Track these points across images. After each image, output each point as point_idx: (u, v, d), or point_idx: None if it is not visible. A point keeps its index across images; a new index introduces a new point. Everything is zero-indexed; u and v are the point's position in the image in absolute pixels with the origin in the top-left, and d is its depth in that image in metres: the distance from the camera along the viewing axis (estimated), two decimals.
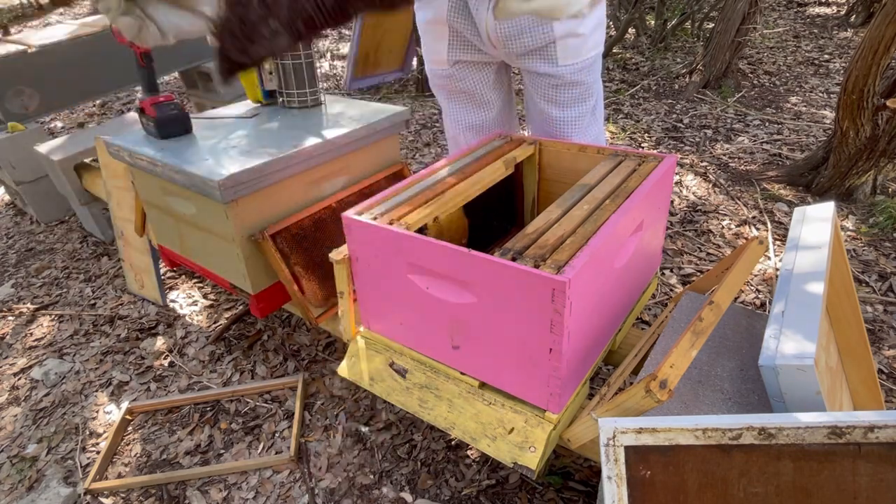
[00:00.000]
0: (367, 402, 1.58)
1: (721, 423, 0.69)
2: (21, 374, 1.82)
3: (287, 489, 1.36)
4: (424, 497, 1.31)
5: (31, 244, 2.63)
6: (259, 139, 1.48)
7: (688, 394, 0.98)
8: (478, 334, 0.97)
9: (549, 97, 1.38)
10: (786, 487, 0.68)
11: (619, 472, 0.70)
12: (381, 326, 1.17)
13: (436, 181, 1.17)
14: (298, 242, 1.45)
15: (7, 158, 2.49)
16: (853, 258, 2.03)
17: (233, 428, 1.54)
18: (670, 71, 4.26)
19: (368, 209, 1.06)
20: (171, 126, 1.50)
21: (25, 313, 2.12)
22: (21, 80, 2.49)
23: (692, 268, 2.05)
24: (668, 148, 3.06)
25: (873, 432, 0.66)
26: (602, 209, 1.01)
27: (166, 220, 1.60)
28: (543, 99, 1.39)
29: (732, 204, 2.45)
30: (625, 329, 1.24)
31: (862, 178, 2.32)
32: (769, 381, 0.83)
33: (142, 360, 1.83)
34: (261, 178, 1.33)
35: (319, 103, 1.74)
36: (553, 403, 0.94)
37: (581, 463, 1.36)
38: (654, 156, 1.21)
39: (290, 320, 1.91)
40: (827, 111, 3.38)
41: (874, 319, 1.74)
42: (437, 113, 3.75)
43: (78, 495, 1.40)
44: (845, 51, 4.42)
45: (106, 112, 4.44)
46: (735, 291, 0.98)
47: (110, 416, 1.63)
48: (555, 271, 0.82)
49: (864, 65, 2.04)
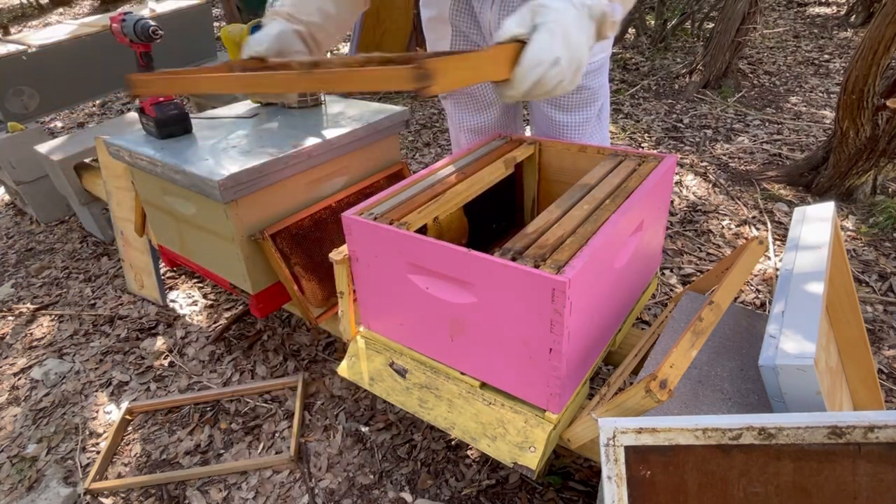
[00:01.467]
0: (367, 402, 1.58)
1: (721, 423, 0.69)
2: (21, 374, 1.82)
3: (287, 489, 1.36)
4: (424, 497, 1.31)
5: (31, 244, 2.63)
6: (259, 139, 1.48)
7: (688, 394, 0.98)
8: (478, 334, 0.97)
9: (552, 101, 1.36)
10: (786, 487, 0.68)
11: (619, 472, 0.70)
12: (380, 326, 1.17)
13: (436, 181, 1.17)
14: (298, 242, 1.45)
15: (7, 158, 2.49)
16: (853, 258, 2.03)
17: (233, 428, 1.54)
18: (670, 71, 4.26)
19: (368, 209, 1.06)
20: (171, 126, 1.50)
21: (25, 313, 2.12)
22: (21, 80, 2.49)
23: (692, 268, 2.05)
24: (668, 148, 3.06)
25: (873, 432, 0.66)
26: (602, 209, 1.01)
27: (166, 220, 1.60)
28: (547, 103, 1.38)
29: (732, 204, 2.45)
30: (625, 329, 1.24)
31: (862, 178, 2.32)
32: (769, 381, 0.83)
33: (142, 360, 1.83)
34: (261, 178, 1.33)
35: (319, 103, 1.74)
36: (553, 403, 0.94)
37: (581, 463, 1.36)
38: (654, 156, 1.21)
39: (290, 320, 1.91)
40: (827, 111, 3.38)
41: (874, 319, 1.74)
42: (436, 113, 3.75)
43: (78, 495, 1.40)
44: (845, 51, 4.42)
45: (106, 112, 4.44)
46: (735, 291, 0.98)
47: (110, 416, 1.63)
48: (555, 271, 0.82)
49: (864, 65, 2.04)
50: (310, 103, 1.71)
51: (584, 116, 1.38)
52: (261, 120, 1.64)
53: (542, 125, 1.46)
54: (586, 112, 1.38)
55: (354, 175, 1.60)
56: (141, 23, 1.41)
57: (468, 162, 1.26)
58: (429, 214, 1.05)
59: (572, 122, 1.39)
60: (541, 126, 1.48)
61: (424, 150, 3.24)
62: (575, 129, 1.40)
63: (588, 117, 1.39)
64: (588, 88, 1.33)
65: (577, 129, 1.40)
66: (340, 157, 1.52)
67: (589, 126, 1.41)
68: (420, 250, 0.95)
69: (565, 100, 1.35)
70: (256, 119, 1.65)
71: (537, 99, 0.76)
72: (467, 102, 1.49)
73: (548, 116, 1.41)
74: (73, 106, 2.84)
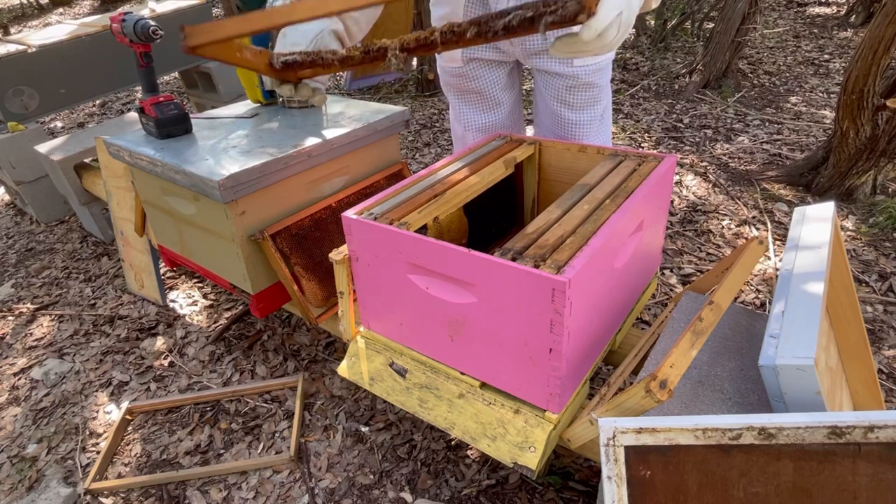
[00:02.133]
0: (367, 402, 1.58)
1: (721, 423, 0.69)
2: (21, 374, 1.82)
3: (287, 489, 1.36)
4: (424, 497, 1.31)
5: (31, 244, 2.63)
6: (259, 139, 1.48)
7: (688, 394, 0.98)
8: (478, 334, 0.97)
9: (562, 98, 1.38)
10: (786, 487, 0.68)
11: (618, 472, 0.70)
12: (380, 326, 1.17)
13: (436, 181, 1.17)
14: (298, 242, 1.45)
15: (7, 158, 2.49)
16: (853, 258, 2.03)
17: (233, 428, 1.54)
18: (670, 71, 4.26)
19: (368, 209, 1.06)
20: (171, 126, 1.50)
21: (25, 313, 2.12)
22: (21, 80, 2.49)
23: (692, 268, 2.05)
24: (668, 148, 3.06)
25: (873, 432, 0.66)
26: (602, 209, 1.01)
27: (166, 220, 1.60)
28: (556, 100, 1.40)
29: (732, 204, 2.45)
30: (625, 329, 1.24)
31: (862, 178, 2.32)
32: (769, 381, 0.83)
33: (142, 360, 1.83)
34: (261, 178, 1.33)
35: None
36: (553, 403, 0.94)
37: (581, 463, 1.36)
38: (654, 156, 1.21)
39: (290, 320, 1.91)
40: (827, 111, 3.38)
41: (874, 319, 1.74)
42: (437, 113, 3.75)
43: (78, 495, 1.40)
44: (845, 51, 4.42)
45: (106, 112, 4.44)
46: (735, 291, 0.98)
47: (110, 416, 1.63)
48: (555, 271, 0.82)
49: (864, 65, 2.04)
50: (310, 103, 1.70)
51: (591, 115, 1.41)
52: (261, 120, 1.64)
53: (550, 124, 1.47)
54: (593, 110, 1.40)
55: (354, 175, 1.60)
56: (141, 23, 1.41)
57: (468, 162, 1.26)
58: (429, 214, 1.05)
59: (581, 120, 1.41)
60: (546, 124, 1.48)
61: (424, 150, 3.24)
62: (583, 126, 1.42)
63: (594, 116, 1.41)
64: (596, 86, 1.35)
65: (585, 127, 1.42)
66: (340, 157, 1.52)
67: (595, 125, 1.43)
68: (420, 250, 0.95)
69: (575, 97, 1.37)
70: (256, 119, 1.65)
71: (595, 51, 0.81)
72: (476, 101, 1.50)
73: (557, 114, 1.42)
74: (73, 106, 2.84)
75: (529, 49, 1.31)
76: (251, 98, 1.80)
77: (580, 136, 1.43)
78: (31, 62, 2.48)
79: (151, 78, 1.51)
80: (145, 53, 1.47)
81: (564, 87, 1.36)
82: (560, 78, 1.34)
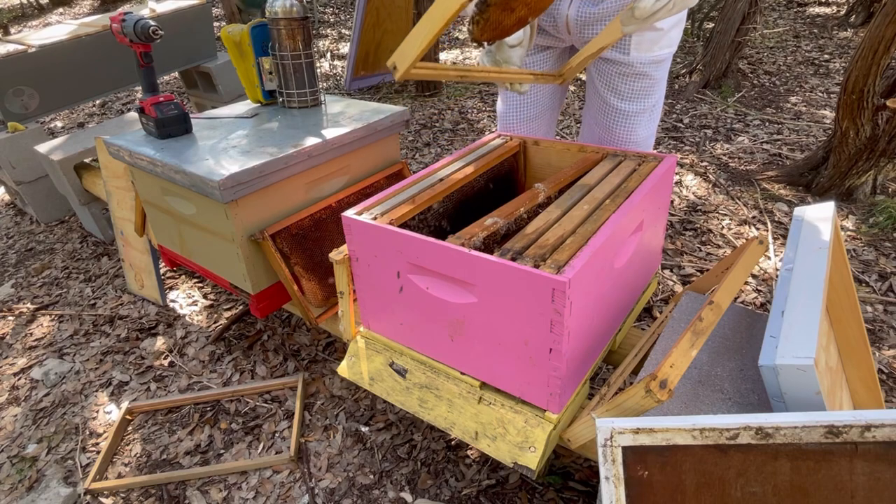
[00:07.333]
0: (367, 402, 1.58)
1: (718, 423, 0.69)
2: (21, 374, 1.82)
3: (287, 489, 1.36)
4: (424, 497, 1.31)
5: (31, 244, 2.64)
6: (259, 139, 1.48)
7: (688, 394, 0.98)
8: (478, 334, 0.97)
9: (613, 86, 1.37)
10: (783, 487, 0.68)
11: (616, 472, 0.70)
12: (381, 326, 1.17)
13: (436, 181, 1.17)
14: (298, 242, 1.45)
15: (7, 158, 2.49)
16: (853, 258, 2.03)
17: (233, 428, 1.54)
18: (670, 71, 4.26)
19: (368, 209, 1.06)
20: (171, 126, 1.50)
21: (25, 313, 2.12)
22: (21, 80, 2.49)
23: (692, 268, 2.05)
24: (668, 148, 3.06)
25: (870, 431, 0.66)
26: (602, 209, 1.01)
27: (166, 220, 1.60)
28: (607, 88, 1.39)
29: (732, 204, 2.45)
30: (625, 329, 1.24)
31: (862, 178, 2.32)
32: (769, 381, 0.83)
33: (142, 360, 1.83)
34: (261, 178, 1.33)
35: (319, 103, 1.74)
36: (553, 403, 0.94)
37: (581, 463, 1.36)
38: (654, 156, 1.21)
39: (290, 320, 1.91)
40: (827, 111, 3.38)
41: (874, 319, 1.74)
42: (437, 113, 3.75)
43: (78, 495, 1.40)
44: (845, 51, 4.42)
45: (106, 112, 4.44)
46: (735, 291, 0.98)
47: (110, 416, 1.63)
48: (555, 271, 0.82)
49: (864, 65, 2.04)
50: (310, 103, 1.70)
51: (640, 106, 1.39)
52: (261, 120, 1.64)
53: (595, 112, 1.47)
54: (643, 102, 1.39)
55: (354, 175, 1.60)
56: (141, 23, 1.41)
57: (468, 162, 1.26)
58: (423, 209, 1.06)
59: (629, 110, 1.40)
60: (592, 113, 1.49)
61: (424, 150, 3.24)
62: (631, 117, 1.41)
63: (644, 108, 1.40)
64: (650, 77, 1.35)
65: (633, 119, 1.41)
66: (340, 157, 1.52)
67: (643, 117, 1.42)
68: (420, 250, 0.95)
69: (627, 87, 1.36)
70: (256, 119, 1.65)
71: (656, 18, 0.95)
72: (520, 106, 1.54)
73: (607, 103, 1.42)
74: (73, 106, 2.84)
75: (587, 39, 1.30)
76: (251, 98, 1.80)
77: (626, 126, 1.42)
78: (31, 62, 2.48)
79: (151, 78, 1.51)
80: (145, 53, 1.47)
81: (618, 74, 1.35)
82: (615, 65, 1.33)
